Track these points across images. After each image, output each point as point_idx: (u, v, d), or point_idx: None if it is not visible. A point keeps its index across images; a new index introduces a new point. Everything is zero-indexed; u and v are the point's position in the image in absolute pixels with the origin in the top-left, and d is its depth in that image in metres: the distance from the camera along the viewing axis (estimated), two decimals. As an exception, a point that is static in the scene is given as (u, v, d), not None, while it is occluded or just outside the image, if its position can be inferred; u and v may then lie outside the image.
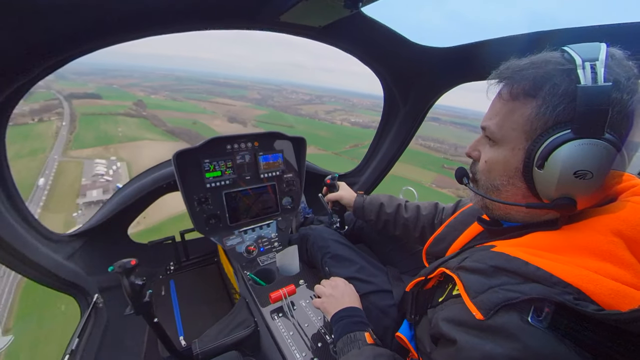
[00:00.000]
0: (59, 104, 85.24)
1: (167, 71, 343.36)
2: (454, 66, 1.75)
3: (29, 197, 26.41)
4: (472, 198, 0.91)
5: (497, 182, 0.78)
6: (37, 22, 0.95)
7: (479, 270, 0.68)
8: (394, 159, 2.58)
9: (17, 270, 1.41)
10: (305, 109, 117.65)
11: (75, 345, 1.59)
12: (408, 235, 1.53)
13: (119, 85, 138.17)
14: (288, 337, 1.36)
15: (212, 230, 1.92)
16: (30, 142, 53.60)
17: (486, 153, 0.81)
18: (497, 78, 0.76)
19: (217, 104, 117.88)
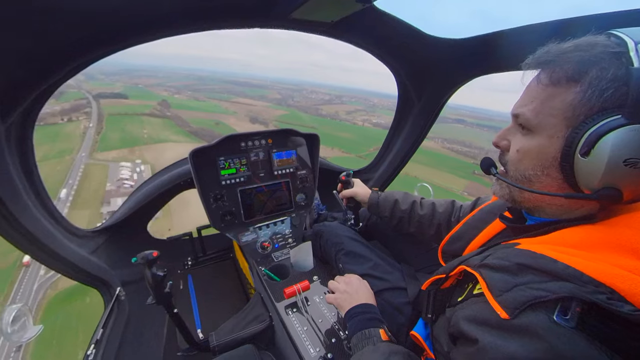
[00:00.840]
0: (88, 103, 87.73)
1: (189, 71, 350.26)
2: (470, 58, 1.69)
3: (52, 207, 27.96)
4: (496, 191, 0.87)
5: (530, 173, 0.74)
6: (59, 28, 0.99)
7: (504, 268, 0.65)
8: (407, 155, 2.54)
9: (47, 264, 1.49)
10: (325, 109, 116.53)
11: (100, 336, 1.66)
12: (423, 233, 1.51)
13: (144, 85, 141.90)
14: (302, 332, 1.37)
15: (228, 226, 1.95)
16: (59, 143, 54.80)
17: (518, 142, 0.77)
18: (536, 62, 0.72)
19: (238, 104, 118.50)
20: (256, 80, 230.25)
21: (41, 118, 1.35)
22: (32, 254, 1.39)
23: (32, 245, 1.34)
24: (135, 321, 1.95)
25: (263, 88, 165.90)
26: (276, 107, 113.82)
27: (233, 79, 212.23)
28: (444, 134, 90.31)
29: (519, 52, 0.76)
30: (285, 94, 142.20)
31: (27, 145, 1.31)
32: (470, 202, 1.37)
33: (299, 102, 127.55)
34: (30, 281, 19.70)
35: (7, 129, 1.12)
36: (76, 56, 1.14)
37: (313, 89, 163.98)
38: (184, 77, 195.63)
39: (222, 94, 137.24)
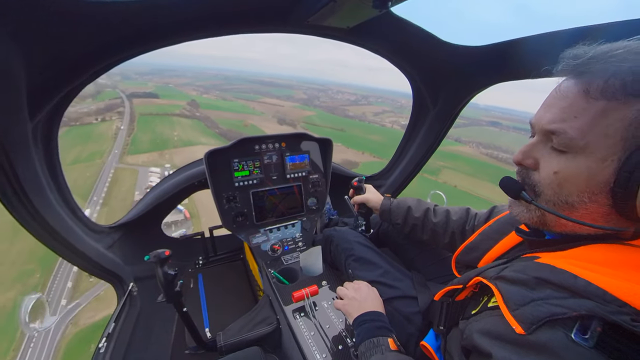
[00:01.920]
0: (121, 102, 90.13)
1: (216, 71, 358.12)
2: (487, 65, 1.67)
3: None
4: (522, 215, 0.78)
5: (574, 199, 0.65)
6: (88, 31, 1.04)
7: (521, 281, 0.63)
8: (422, 162, 2.51)
9: (66, 258, 1.55)
10: (352, 110, 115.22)
11: (112, 329, 1.71)
12: (436, 241, 1.48)
13: (174, 84, 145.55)
14: (309, 337, 1.36)
15: (239, 227, 1.98)
16: (91, 145, 54.46)
17: (554, 163, 0.67)
18: (579, 70, 0.63)
19: (265, 104, 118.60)
20: (282, 80, 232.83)
21: (76, 118, 1.43)
22: (53, 248, 1.44)
23: (54, 239, 1.40)
24: (145, 317, 1.99)
25: (289, 88, 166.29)
26: (303, 108, 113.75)
27: (259, 79, 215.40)
28: (478, 137, 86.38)
29: (539, 60, 0.74)
30: (311, 94, 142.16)
31: (52, 143, 1.37)
32: (486, 211, 1.33)
33: (325, 103, 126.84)
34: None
35: (34, 128, 1.18)
36: (101, 59, 1.20)
37: (339, 88, 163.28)
38: (212, 77, 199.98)
39: (249, 94, 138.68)
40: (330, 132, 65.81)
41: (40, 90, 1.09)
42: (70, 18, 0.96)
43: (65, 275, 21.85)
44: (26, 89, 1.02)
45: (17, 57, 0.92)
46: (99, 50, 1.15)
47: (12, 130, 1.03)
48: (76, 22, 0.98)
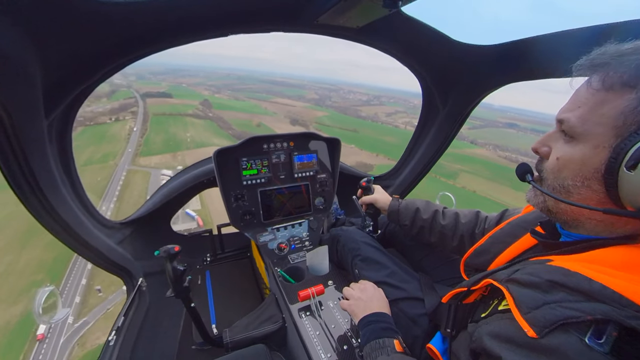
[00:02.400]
0: (135, 102, 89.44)
1: (228, 70, 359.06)
2: (500, 65, 1.64)
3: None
4: (530, 199, 0.82)
5: (569, 183, 0.70)
6: (101, 33, 1.07)
7: (533, 284, 0.62)
8: (430, 163, 2.48)
9: (79, 252, 1.59)
10: (364, 110, 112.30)
11: (121, 323, 1.75)
12: (444, 244, 1.46)
13: (187, 84, 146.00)
14: (314, 336, 1.37)
15: (247, 225, 1.99)
16: (104, 145, 53.61)
17: (559, 149, 0.72)
18: (590, 65, 0.67)
19: (277, 104, 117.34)
20: (293, 80, 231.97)
21: (91, 118, 1.48)
22: (67, 243, 1.48)
23: (67, 234, 1.44)
24: (154, 312, 2.03)
25: (300, 88, 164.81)
26: (315, 108, 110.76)
27: (270, 78, 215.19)
28: (495, 139, 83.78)
29: (553, 59, 0.73)
30: (322, 94, 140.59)
31: (66, 140, 1.41)
32: (497, 214, 1.31)
33: (337, 103, 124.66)
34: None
35: (50, 125, 1.21)
36: (115, 58, 1.23)
37: (350, 88, 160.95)
38: (224, 77, 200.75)
39: (261, 94, 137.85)
40: (343, 133, 63.77)
41: (56, 88, 1.13)
42: (85, 18, 0.98)
43: (73, 289, 21.13)
44: (42, 87, 1.05)
45: (33, 56, 0.94)
46: (113, 49, 1.18)
47: (28, 127, 1.06)
48: (91, 21, 1.01)
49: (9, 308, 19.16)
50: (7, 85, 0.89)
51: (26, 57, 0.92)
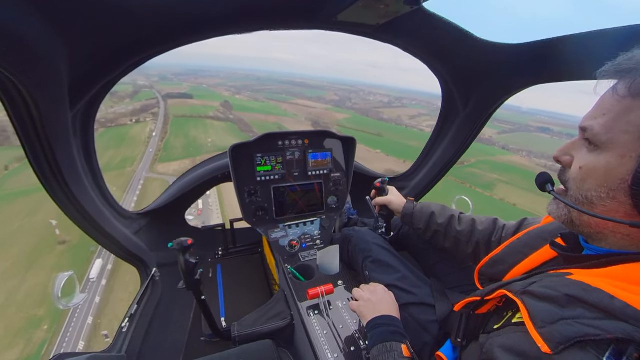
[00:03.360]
0: (157, 103, 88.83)
1: (248, 71, 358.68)
2: (526, 65, 1.57)
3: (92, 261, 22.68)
4: (552, 211, 0.79)
5: (592, 194, 0.66)
6: (124, 27, 1.10)
7: (550, 298, 0.60)
8: (447, 166, 2.43)
9: (98, 241, 1.66)
10: (386, 112, 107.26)
11: (134, 311, 1.81)
12: (459, 250, 1.42)
13: (207, 84, 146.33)
14: (322, 335, 1.37)
15: (259, 221, 2.02)
16: (123, 149, 51.06)
17: (582, 158, 0.69)
18: (615, 70, 0.65)
19: (297, 106, 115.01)
20: (312, 81, 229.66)
21: (112, 119, 1.51)
22: (86, 231, 1.55)
23: (88, 222, 1.50)
24: (166, 302, 2.09)
25: (320, 89, 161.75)
26: (337, 110, 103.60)
27: (290, 79, 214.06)
28: (528, 145, 79.48)
29: (585, 61, 0.70)
30: (342, 95, 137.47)
31: (89, 132, 1.46)
32: (515, 223, 1.27)
33: (358, 105, 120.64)
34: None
35: (74, 117, 1.26)
36: (138, 52, 1.26)
37: (370, 90, 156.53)
38: (243, 77, 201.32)
39: (280, 95, 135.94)
40: (367, 137, 61.26)
41: (80, 81, 1.17)
42: (110, 12, 1.01)
43: (77, 333, 18.37)
44: (68, 80, 1.09)
45: (61, 51, 0.98)
46: (136, 43, 1.22)
47: (54, 119, 1.11)
48: (116, 16, 1.04)
49: (3, 353, 16.69)
50: (36, 79, 0.93)
51: (54, 52, 0.96)
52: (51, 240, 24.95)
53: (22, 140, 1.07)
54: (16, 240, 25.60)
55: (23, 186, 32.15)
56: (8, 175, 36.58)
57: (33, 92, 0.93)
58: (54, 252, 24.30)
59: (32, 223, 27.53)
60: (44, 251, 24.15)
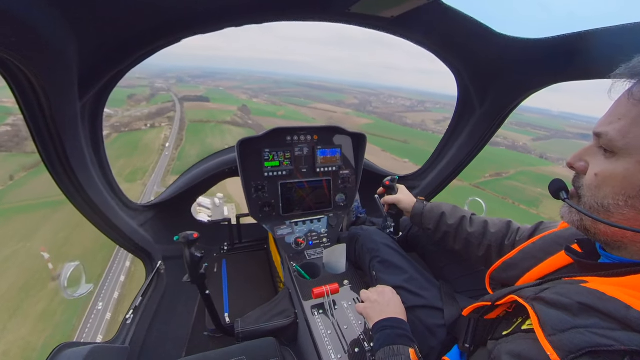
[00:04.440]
0: (173, 106, 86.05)
1: (264, 74, 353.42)
2: (548, 61, 1.52)
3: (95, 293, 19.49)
4: (565, 215, 0.78)
5: (609, 202, 0.64)
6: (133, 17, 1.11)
7: (562, 305, 0.59)
8: (461, 165, 2.37)
9: (103, 231, 1.68)
10: (410, 117, 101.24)
11: (139, 303, 1.84)
12: (469, 252, 1.39)
13: (224, 87, 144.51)
14: (325, 335, 1.36)
15: (266, 217, 2.02)
16: (136, 158, 46.73)
17: (598, 165, 0.68)
18: (630, 72, 0.63)
19: (316, 110, 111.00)
20: (330, 84, 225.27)
21: (127, 123, 1.52)
22: (93, 221, 1.57)
23: (94, 213, 1.52)
24: (170, 295, 2.12)
25: (339, 92, 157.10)
26: (358, 115, 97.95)
27: (307, 82, 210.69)
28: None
29: (615, 57, 0.66)
30: (362, 98, 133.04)
31: (98, 122, 1.48)
32: (530, 227, 1.23)
33: (379, 108, 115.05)
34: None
35: (83, 107, 1.28)
36: (149, 42, 1.27)
37: (391, 92, 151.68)
38: (260, 80, 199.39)
39: (299, 99, 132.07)
40: (393, 144, 58.32)
41: (90, 71, 1.19)
42: (122, 2, 1.01)
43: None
44: (78, 70, 1.10)
45: (71, 41, 1.00)
46: (147, 32, 1.22)
47: (64, 109, 1.13)
48: (127, 6, 1.04)
49: None
50: (46, 69, 0.94)
51: (64, 41, 0.97)
52: (44, 275, 20.29)
53: (31, 130, 1.09)
54: (3, 273, 20.83)
55: (25, 200, 29.96)
56: (12, 187, 33.59)
57: (43, 82, 0.95)
58: (46, 290, 19.45)
59: (27, 250, 23.02)
60: (34, 288, 19.51)
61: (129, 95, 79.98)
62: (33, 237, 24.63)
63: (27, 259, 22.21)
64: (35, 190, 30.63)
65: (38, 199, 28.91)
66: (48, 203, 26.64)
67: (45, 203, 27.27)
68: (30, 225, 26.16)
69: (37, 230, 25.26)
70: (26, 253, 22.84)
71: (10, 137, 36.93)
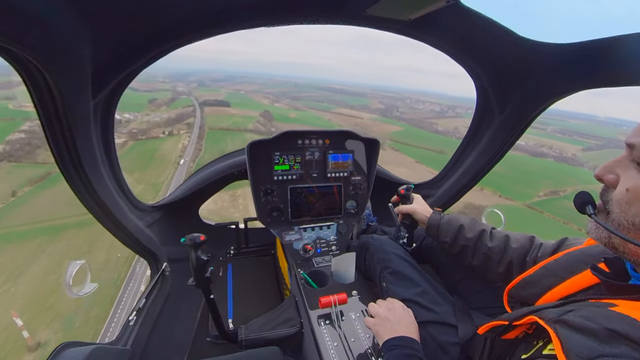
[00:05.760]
0: (193, 111, 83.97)
1: (285, 78, 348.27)
2: (576, 67, 1.47)
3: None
4: (591, 231, 0.73)
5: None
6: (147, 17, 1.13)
7: (588, 330, 0.55)
8: (479, 174, 2.30)
9: (110, 231, 1.71)
10: (441, 123, 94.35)
11: (142, 305, 1.85)
12: (489, 268, 1.34)
13: (245, 91, 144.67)
14: (332, 347, 1.33)
15: (274, 222, 2.01)
16: (149, 172, 41.00)
17: (630, 179, 0.63)
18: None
19: (341, 116, 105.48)
20: (353, 87, 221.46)
21: (144, 130, 1.52)
22: (100, 220, 1.60)
23: (102, 212, 1.54)
24: (174, 298, 2.13)
25: (362, 96, 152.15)
26: (385, 121, 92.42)
27: (329, 86, 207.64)
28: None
29: None
30: (387, 103, 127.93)
31: (109, 121, 1.51)
32: (554, 242, 1.18)
33: (406, 114, 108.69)
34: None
35: (95, 105, 1.31)
36: (162, 42, 1.29)
37: (417, 97, 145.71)
38: (281, 84, 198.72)
39: (321, 103, 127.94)
40: (429, 155, 54.13)
41: (104, 70, 1.21)
42: (136, 1, 1.02)
43: None
44: (91, 68, 1.13)
45: (87, 38, 1.02)
46: (161, 33, 1.24)
47: (77, 107, 1.15)
48: (142, 5, 1.05)
49: None
50: (61, 67, 0.96)
51: (81, 41, 1.00)
52: (19, 346, 14.80)
53: (44, 126, 1.12)
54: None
55: (22, 225, 24.06)
56: (12, 205, 27.66)
57: (57, 79, 0.97)
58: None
59: (7, 298, 17.14)
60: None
61: (150, 100, 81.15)
62: (22, 277, 18.59)
63: (4, 313, 16.04)
64: (36, 209, 26.65)
65: (36, 222, 24.37)
66: (46, 229, 22.45)
67: (42, 229, 22.83)
68: (20, 260, 19.90)
69: (26, 269, 19.09)
70: (7, 299, 17.12)
71: (21, 145, 34.69)
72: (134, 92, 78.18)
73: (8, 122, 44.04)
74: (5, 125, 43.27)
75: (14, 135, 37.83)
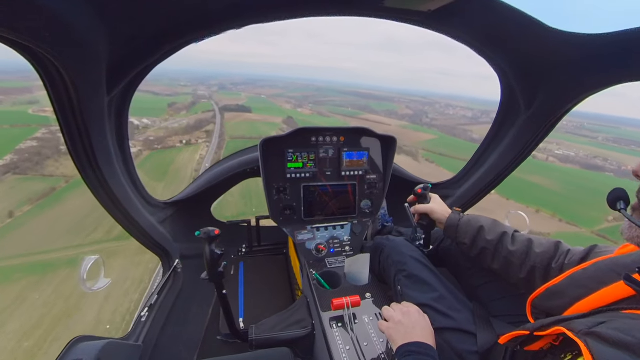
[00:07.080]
0: (213, 117, 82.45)
1: (307, 81, 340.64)
2: (609, 59, 1.38)
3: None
4: (624, 230, 0.71)
5: None
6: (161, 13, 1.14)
7: (622, 344, 0.52)
8: (502, 175, 2.21)
9: (123, 226, 1.75)
10: (475, 130, 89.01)
11: (154, 301, 1.89)
12: (509, 273, 1.28)
13: (266, 95, 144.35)
14: (344, 350, 1.31)
15: (286, 221, 2.00)
16: (162, 189, 32.65)
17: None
18: None
19: (367, 122, 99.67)
20: (379, 92, 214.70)
21: (162, 139, 1.52)
22: (114, 216, 1.64)
23: (116, 207, 1.58)
24: (186, 295, 2.16)
25: (389, 101, 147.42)
26: (416, 128, 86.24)
27: (353, 90, 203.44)
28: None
29: None
30: (415, 108, 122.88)
31: (124, 117, 1.55)
32: (583, 249, 1.12)
33: (437, 120, 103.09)
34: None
35: (110, 101, 1.34)
36: (176, 37, 1.30)
37: (447, 101, 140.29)
38: (303, 88, 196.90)
39: (346, 108, 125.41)
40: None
41: (119, 65, 1.24)
42: None
43: None
44: (106, 64, 1.16)
45: (103, 33, 1.04)
46: (175, 28, 1.25)
47: (92, 103, 1.18)
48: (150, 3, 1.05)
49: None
50: (77, 62, 0.98)
51: (97, 36, 1.02)
52: None
53: (60, 122, 1.14)
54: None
55: (9, 258, 19.17)
56: (5, 229, 22.66)
57: (73, 75, 0.99)
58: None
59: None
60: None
61: (170, 104, 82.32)
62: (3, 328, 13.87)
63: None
64: (30, 236, 22.23)
65: (27, 255, 19.65)
66: (36, 266, 17.56)
67: (32, 266, 17.87)
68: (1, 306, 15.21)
69: (9, 316, 14.42)
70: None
71: (31, 155, 31.70)
72: (155, 96, 78.76)
73: (23, 129, 42.40)
74: (20, 132, 41.47)
75: (25, 144, 36.05)
